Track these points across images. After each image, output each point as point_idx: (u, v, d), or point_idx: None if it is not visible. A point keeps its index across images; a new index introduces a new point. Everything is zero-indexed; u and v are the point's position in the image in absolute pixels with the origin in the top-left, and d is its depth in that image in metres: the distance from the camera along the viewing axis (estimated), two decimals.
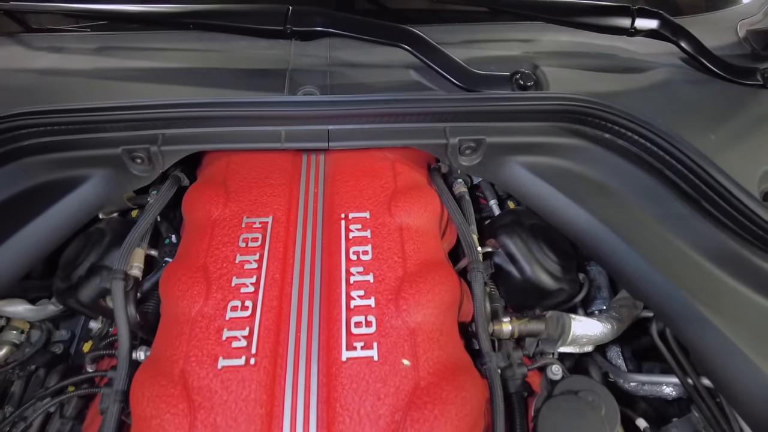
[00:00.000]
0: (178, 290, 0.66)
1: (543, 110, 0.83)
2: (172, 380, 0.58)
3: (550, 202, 0.83)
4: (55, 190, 0.81)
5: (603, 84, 0.97)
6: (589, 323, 0.81)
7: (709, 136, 0.90)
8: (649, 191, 0.83)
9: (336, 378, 0.58)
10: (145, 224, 0.81)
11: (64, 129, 0.81)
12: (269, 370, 0.58)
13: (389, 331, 0.61)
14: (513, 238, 0.87)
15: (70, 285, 0.85)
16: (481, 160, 0.84)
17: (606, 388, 0.72)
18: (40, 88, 0.92)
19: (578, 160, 0.85)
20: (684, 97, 0.99)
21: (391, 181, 0.81)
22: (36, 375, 1.00)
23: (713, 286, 0.75)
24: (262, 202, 0.76)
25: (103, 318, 0.91)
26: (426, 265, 0.71)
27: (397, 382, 0.57)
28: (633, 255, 0.77)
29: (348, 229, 0.73)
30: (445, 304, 0.68)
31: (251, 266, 0.67)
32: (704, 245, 0.78)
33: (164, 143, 0.79)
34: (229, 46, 0.97)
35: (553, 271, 0.85)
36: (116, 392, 0.69)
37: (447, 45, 0.90)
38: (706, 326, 0.71)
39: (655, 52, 1.05)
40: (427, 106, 0.80)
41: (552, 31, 1.03)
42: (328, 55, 0.96)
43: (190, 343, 0.61)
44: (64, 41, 1.01)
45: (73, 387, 0.85)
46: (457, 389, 0.59)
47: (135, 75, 0.94)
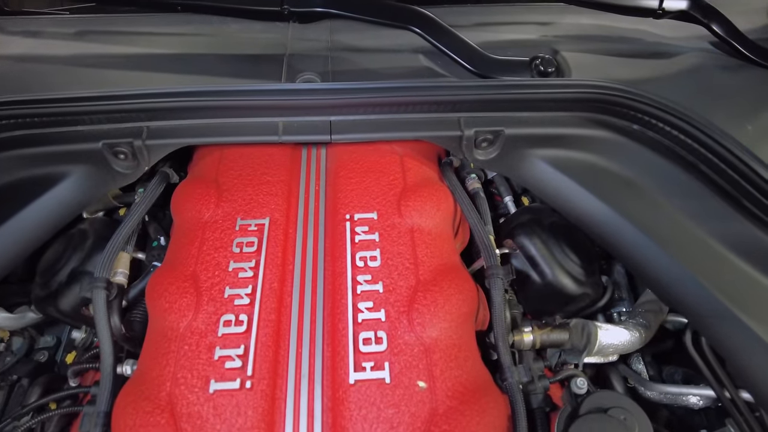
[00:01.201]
0: (166, 302, 0.60)
1: (566, 99, 0.76)
2: (159, 406, 0.51)
3: (573, 199, 0.76)
4: (31, 188, 0.74)
5: (628, 70, 0.90)
6: (615, 332, 0.74)
7: (746, 126, 0.83)
8: (683, 188, 0.77)
9: (343, 403, 0.51)
10: (130, 225, 0.74)
11: (39, 121, 0.73)
12: (267, 394, 0.51)
13: (402, 349, 0.55)
14: (532, 239, 0.80)
15: (49, 292, 0.78)
16: (498, 154, 0.77)
17: (637, 405, 0.66)
18: (14, 75, 0.84)
19: (604, 154, 0.78)
20: (717, 84, 0.91)
21: (400, 178, 0.74)
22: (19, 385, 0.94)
23: (754, 290, 0.69)
24: (258, 202, 0.69)
25: (87, 327, 0.84)
26: (440, 272, 0.64)
27: (412, 408, 0.51)
28: (664, 257, 0.71)
29: (354, 231, 0.66)
30: (463, 316, 0.61)
31: (246, 274, 0.60)
32: (744, 245, 0.72)
33: (149, 137, 0.72)
34: (220, 29, 0.89)
35: (576, 275, 0.78)
36: (98, 414, 0.62)
37: (460, 28, 0.83)
38: (745, 333, 0.65)
39: (683, 36, 0.98)
40: (439, 94, 0.73)
41: (573, 13, 0.95)
42: (330, 38, 0.88)
43: (179, 362, 0.54)
44: (40, 25, 0.93)
45: (55, 404, 0.78)
46: (479, 414, 0.52)
47: (118, 62, 0.86)
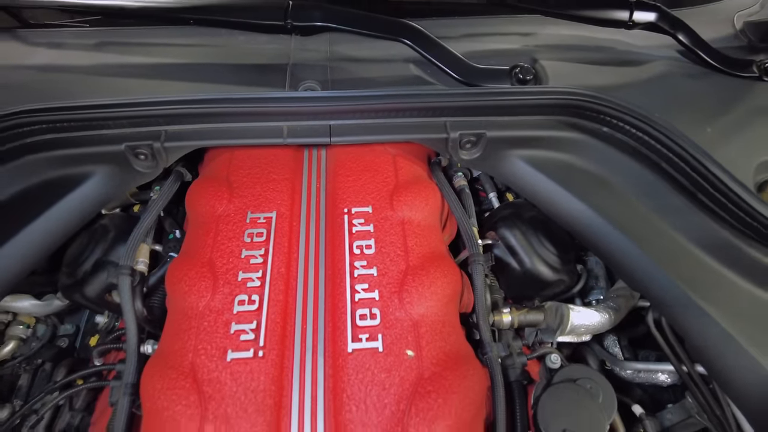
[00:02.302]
0: (186, 285, 0.68)
1: (542, 104, 0.84)
2: (183, 373, 0.60)
3: (549, 195, 0.84)
4: (59, 187, 0.81)
5: (602, 77, 0.98)
6: (586, 313, 0.83)
7: (706, 128, 0.91)
8: (647, 184, 0.84)
9: (342, 369, 0.59)
10: (150, 219, 0.82)
11: (66, 126, 0.81)
12: (277, 362, 0.60)
13: (393, 323, 0.63)
14: (512, 231, 0.88)
15: (75, 281, 0.86)
16: (481, 154, 0.85)
17: (603, 376, 0.75)
18: (40, 84, 0.92)
19: (577, 154, 0.86)
20: (681, 90, 1.00)
21: (393, 176, 0.82)
22: (42, 369, 1.02)
23: (709, 276, 0.77)
24: (266, 198, 0.77)
25: (109, 312, 0.92)
26: (428, 259, 0.72)
27: (402, 373, 0.59)
28: (631, 247, 0.79)
29: (351, 223, 0.74)
30: (447, 297, 0.70)
31: (257, 261, 0.69)
32: (700, 237, 0.80)
33: (167, 139, 0.80)
34: (229, 41, 0.97)
35: (551, 263, 0.87)
36: (126, 385, 0.70)
37: (447, 39, 0.91)
38: (701, 315, 0.73)
39: (653, 45, 1.06)
40: (428, 100, 0.81)
41: (551, 25, 1.03)
42: (329, 49, 0.96)
43: (199, 336, 0.62)
44: (62, 37, 1.00)
45: (82, 380, 0.86)
46: (459, 378, 0.61)
47: (135, 71, 0.94)
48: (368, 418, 0.56)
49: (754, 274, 0.76)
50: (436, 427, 0.55)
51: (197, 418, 0.56)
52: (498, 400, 0.67)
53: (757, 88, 1.03)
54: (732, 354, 0.71)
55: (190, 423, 0.56)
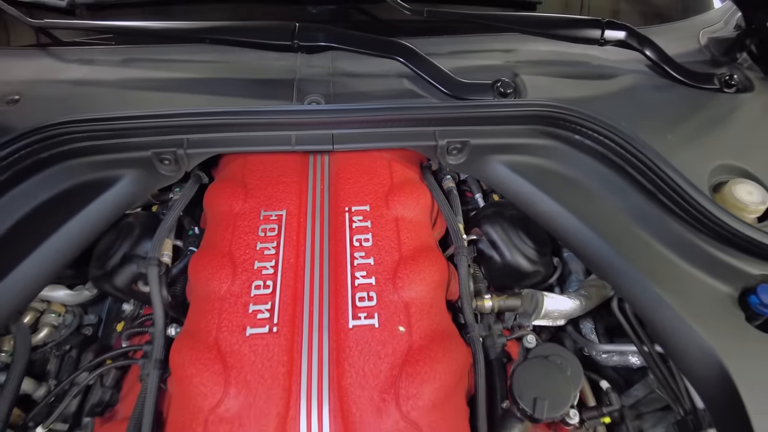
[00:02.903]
0: (208, 273, 0.78)
1: (521, 115, 0.94)
2: (208, 346, 0.70)
3: (526, 195, 0.95)
4: (93, 188, 0.92)
5: (576, 90, 1.08)
6: (559, 299, 0.93)
7: (667, 136, 1.01)
8: (613, 186, 0.94)
9: (344, 342, 0.70)
10: (173, 218, 0.93)
11: (100, 135, 0.91)
12: (288, 337, 0.70)
13: (387, 304, 0.74)
14: (495, 227, 0.99)
15: (105, 272, 0.96)
16: (466, 159, 0.95)
17: (572, 354, 0.85)
18: (75, 97, 1.02)
19: (551, 159, 0.96)
20: (648, 101, 1.10)
21: (388, 178, 0.93)
22: (69, 355, 1.12)
23: (665, 267, 0.86)
24: (277, 198, 0.88)
25: (135, 300, 1.03)
26: (418, 250, 0.83)
27: (395, 345, 0.70)
28: (598, 241, 0.89)
29: (351, 220, 0.85)
30: (435, 283, 0.80)
31: (270, 252, 0.79)
32: (659, 232, 0.89)
33: (189, 146, 0.90)
34: (241, 58, 1.08)
35: (529, 256, 0.97)
36: (155, 360, 0.81)
37: (435, 56, 1.02)
38: (658, 301, 0.82)
39: (623, 59, 1.16)
40: (419, 112, 0.92)
41: (531, 42, 1.14)
42: (331, 66, 1.07)
43: (222, 316, 0.73)
44: (92, 54, 1.11)
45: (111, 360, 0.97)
46: (444, 350, 0.71)
47: (158, 85, 1.05)
48: (366, 382, 0.66)
49: (704, 264, 0.86)
50: (422, 389, 0.66)
51: (222, 383, 0.67)
52: (479, 372, 0.78)
53: (717, 99, 1.14)
54: (684, 334, 0.81)
55: (216, 387, 0.66)
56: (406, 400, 0.65)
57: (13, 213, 0.88)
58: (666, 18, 1.34)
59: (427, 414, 0.65)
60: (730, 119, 1.10)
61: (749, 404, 0.70)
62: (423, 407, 0.65)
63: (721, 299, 0.83)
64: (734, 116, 1.11)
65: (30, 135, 0.88)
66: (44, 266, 0.87)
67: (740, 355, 0.75)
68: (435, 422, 0.65)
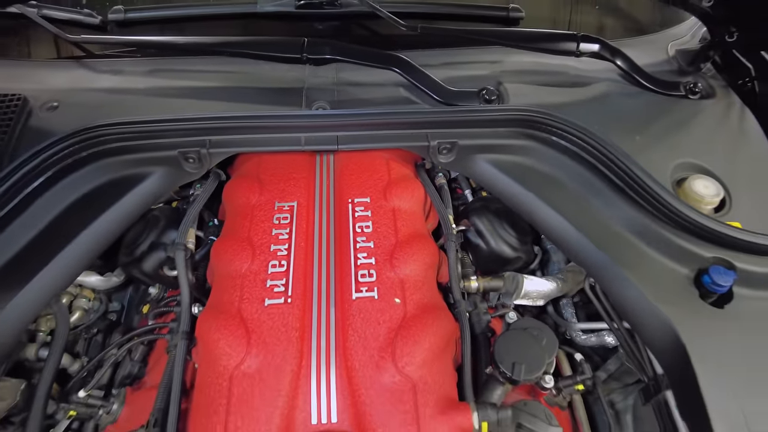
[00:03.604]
0: (231, 255, 0.91)
1: (503, 119, 1.07)
2: (232, 315, 0.82)
3: (509, 190, 1.06)
4: (126, 184, 1.03)
5: (554, 97, 1.21)
6: (538, 281, 1.05)
7: (635, 137, 1.14)
8: (586, 181, 1.05)
9: (348, 311, 0.82)
10: (196, 210, 1.05)
11: (132, 136, 1.03)
12: (301, 307, 0.82)
13: (385, 280, 0.86)
14: (481, 219, 1.11)
15: (133, 259, 1.08)
16: (455, 158, 1.07)
17: (548, 327, 0.96)
18: (107, 104, 1.15)
19: (531, 157, 1.08)
20: (619, 106, 1.23)
21: (386, 174, 1.05)
22: (94, 339, 1.23)
23: (631, 251, 0.97)
24: (289, 191, 1.00)
25: (160, 284, 1.15)
26: (412, 236, 0.95)
27: (391, 313, 0.82)
28: (572, 231, 0.99)
29: (354, 210, 0.97)
30: (426, 264, 0.92)
31: (284, 237, 0.92)
32: (626, 222, 1.00)
33: (211, 147, 1.02)
34: (256, 69, 1.21)
35: (512, 244, 1.09)
36: (182, 332, 0.93)
37: (428, 67, 1.15)
38: (625, 283, 0.92)
39: (598, 69, 1.29)
40: (413, 117, 1.04)
41: (514, 54, 1.27)
42: (336, 76, 1.20)
43: (243, 290, 0.85)
44: (121, 65, 1.24)
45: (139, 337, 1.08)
46: (433, 319, 0.83)
47: (181, 92, 1.17)
48: (367, 344, 0.78)
49: (666, 249, 0.97)
50: (414, 349, 0.78)
51: (244, 345, 0.78)
52: (465, 342, 0.90)
53: (682, 105, 1.26)
54: (647, 310, 0.91)
55: (239, 348, 0.78)
56: (400, 357, 0.77)
57: (57, 205, 1.00)
58: (646, 31, 1.48)
59: (418, 369, 0.77)
60: (693, 122, 1.23)
61: (698, 368, 0.80)
62: (415, 364, 0.77)
63: (679, 279, 0.93)
64: (696, 120, 1.23)
65: (71, 137, 1.00)
66: (83, 253, 0.99)
67: (693, 327, 0.85)
68: (425, 377, 0.77)
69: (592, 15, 1.55)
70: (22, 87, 1.17)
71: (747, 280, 0.92)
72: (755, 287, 0.93)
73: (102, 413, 0.96)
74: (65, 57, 1.29)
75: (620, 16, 1.61)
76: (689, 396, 0.82)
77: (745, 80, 1.30)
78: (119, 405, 0.96)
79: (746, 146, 1.19)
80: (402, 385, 0.75)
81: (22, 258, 0.94)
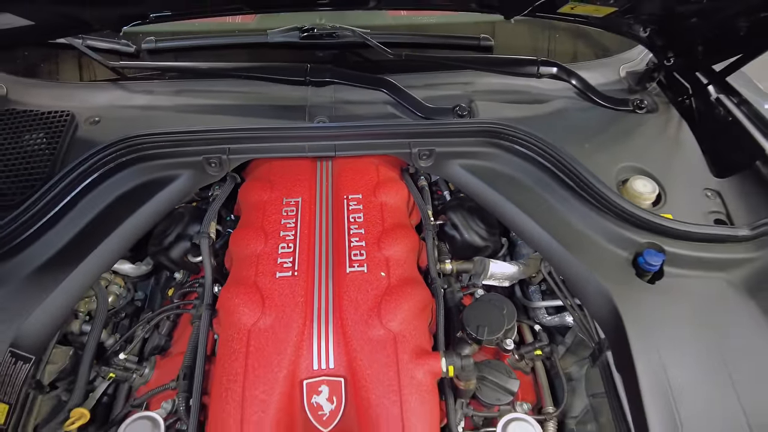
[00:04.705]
0: (248, 240, 1.11)
1: (473, 131, 1.27)
2: (249, 285, 1.02)
3: (478, 190, 1.25)
4: (158, 184, 1.23)
5: (517, 112, 1.42)
6: (502, 264, 1.25)
7: (585, 145, 1.35)
8: (542, 182, 1.22)
9: (342, 282, 1.02)
10: (217, 206, 1.25)
11: (164, 144, 1.23)
12: (305, 278, 1.02)
13: (373, 258, 1.06)
14: (456, 214, 1.32)
15: (162, 248, 1.28)
16: (433, 163, 1.28)
17: (509, 301, 1.15)
18: (141, 118, 1.37)
19: (496, 162, 1.28)
20: (574, 119, 1.44)
21: (375, 176, 1.26)
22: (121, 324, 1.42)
23: (580, 239, 1.14)
24: (295, 190, 1.21)
25: (184, 270, 1.34)
26: (396, 225, 1.16)
27: (377, 284, 1.02)
28: (531, 223, 1.17)
29: (348, 204, 1.18)
30: (408, 247, 1.13)
31: (290, 225, 1.12)
32: (576, 215, 1.17)
33: (230, 153, 1.23)
34: (267, 89, 1.43)
35: (481, 235, 1.29)
36: (206, 305, 1.12)
37: (411, 87, 1.37)
38: (575, 264, 1.10)
39: (557, 88, 1.51)
40: (398, 128, 1.26)
41: (484, 77, 1.50)
42: (333, 95, 1.42)
43: (258, 267, 1.05)
44: (152, 86, 1.47)
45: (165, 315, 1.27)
46: (411, 289, 1.03)
47: (204, 108, 1.40)
48: (358, 306, 0.98)
49: (609, 237, 1.13)
50: (395, 310, 0.97)
51: (260, 307, 0.98)
52: (439, 309, 1.09)
53: (629, 118, 1.47)
54: (592, 286, 1.07)
55: (256, 310, 0.98)
56: (384, 316, 0.96)
57: (100, 202, 1.20)
58: (603, 55, 1.70)
59: (398, 326, 0.96)
60: (637, 133, 1.44)
61: (629, 330, 0.98)
62: (396, 321, 0.96)
63: (619, 261, 1.11)
64: (640, 131, 1.45)
65: (114, 145, 1.21)
66: (121, 242, 1.18)
67: (628, 299, 1.03)
68: (404, 332, 0.96)
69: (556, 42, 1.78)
70: (69, 105, 1.39)
71: (674, 261, 1.10)
72: (680, 267, 1.11)
73: (135, 376, 1.14)
74: (105, 79, 1.51)
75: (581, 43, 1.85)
76: (622, 353, 0.99)
77: (683, 97, 1.51)
78: (150, 369, 1.14)
79: (681, 152, 1.40)
80: (385, 337, 0.94)
81: (73, 245, 1.14)
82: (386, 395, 0.88)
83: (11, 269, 1.07)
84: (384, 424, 0.87)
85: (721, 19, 1.27)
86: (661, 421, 0.89)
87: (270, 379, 0.89)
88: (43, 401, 1.06)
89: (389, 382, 0.89)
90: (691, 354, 0.98)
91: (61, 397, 1.13)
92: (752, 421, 0.89)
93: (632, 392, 0.95)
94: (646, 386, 0.92)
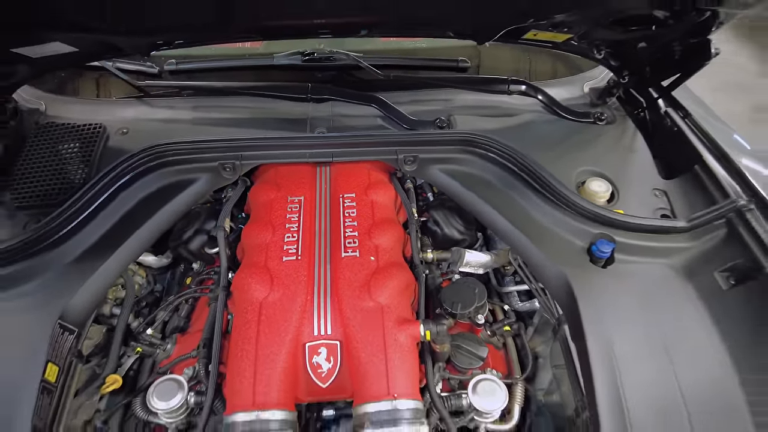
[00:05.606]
0: (258, 232, 1.30)
1: (451, 140, 1.47)
2: (260, 267, 1.21)
3: (456, 191, 1.44)
4: (179, 186, 1.41)
5: (490, 124, 1.63)
6: (477, 254, 1.45)
7: (548, 152, 1.56)
8: (511, 183, 1.40)
9: (338, 265, 1.21)
10: (230, 206, 1.45)
11: (185, 151, 1.42)
12: (307, 261, 1.22)
13: (364, 245, 1.26)
14: (438, 212, 1.52)
15: (181, 241, 1.47)
16: (417, 167, 1.47)
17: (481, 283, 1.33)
18: (164, 130, 1.57)
19: (472, 167, 1.47)
20: (540, 130, 1.65)
21: (367, 179, 1.46)
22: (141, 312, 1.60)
23: (543, 232, 1.33)
24: (298, 190, 1.41)
25: (201, 261, 1.53)
26: (385, 220, 1.36)
27: (368, 266, 1.21)
28: (501, 218, 1.36)
29: (344, 201, 1.38)
30: (395, 237, 1.32)
31: (294, 219, 1.32)
32: (539, 212, 1.35)
33: (243, 159, 1.43)
34: (273, 105, 1.65)
35: (459, 230, 1.49)
36: (222, 287, 1.31)
37: (398, 103, 1.59)
38: (537, 253, 1.29)
39: (526, 103, 1.72)
40: (386, 138, 1.47)
41: (462, 94, 1.72)
42: (331, 110, 1.64)
43: (268, 252, 1.24)
44: (173, 102, 1.68)
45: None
46: (396, 271, 1.22)
47: (218, 122, 1.61)
48: (351, 284, 1.17)
49: (568, 229, 1.31)
50: (383, 287, 1.17)
51: (269, 285, 1.17)
52: (420, 289, 1.28)
53: (590, 129, 1.68)
54: (552, 271, 1.25)
55: (266, 286, 1.17)
56: (374, 291, 1.16)
57: (130, 201, 1.39)
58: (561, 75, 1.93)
59: (385, 300, 1.15)
60: (596, 141, 1.65)
61: (581, 306, 1.15)
62: (383, 296, 1.15)
63: (576, 249, 1.30)
64: (599, 139, 1.66)
65: (141, 153, 1.41)
66: (146, 236, 1.37)
67: (582, 280, 1.21)
68: (390, 305, 1.15)
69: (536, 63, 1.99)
70: (101, 118, 1.60)
71: (624, 249, 1.29)
72: (629, 254, 1.29)
73: (159, 351, 1.32)
74: (131, 96, 1.73)
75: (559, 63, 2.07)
76: (575, 325, 1.18)
77: (638, 110, 1.73)
78: (172, 345, 1.33)
79: (634, 158, 1.61)
80: (374, 308, 1.13)
81: (107, 238, 1.32)
82: (374, 354, 1.06)
83: (56, 257, 1.26)
84: (372, 378, 1.05)
85: (662, 44, 1.49)
86: (605, 384, 1.04)
87: (278, 341, 1.08)
88: (81, 371, 1.24)
89: (377, 344, 1.08)
90: (635, 328, 1.14)
91: (95, 370, 1.31)
92: (684, 389, 1.04)
93: (584, 360, 1.11)
94: (595, 354, 1.08)
